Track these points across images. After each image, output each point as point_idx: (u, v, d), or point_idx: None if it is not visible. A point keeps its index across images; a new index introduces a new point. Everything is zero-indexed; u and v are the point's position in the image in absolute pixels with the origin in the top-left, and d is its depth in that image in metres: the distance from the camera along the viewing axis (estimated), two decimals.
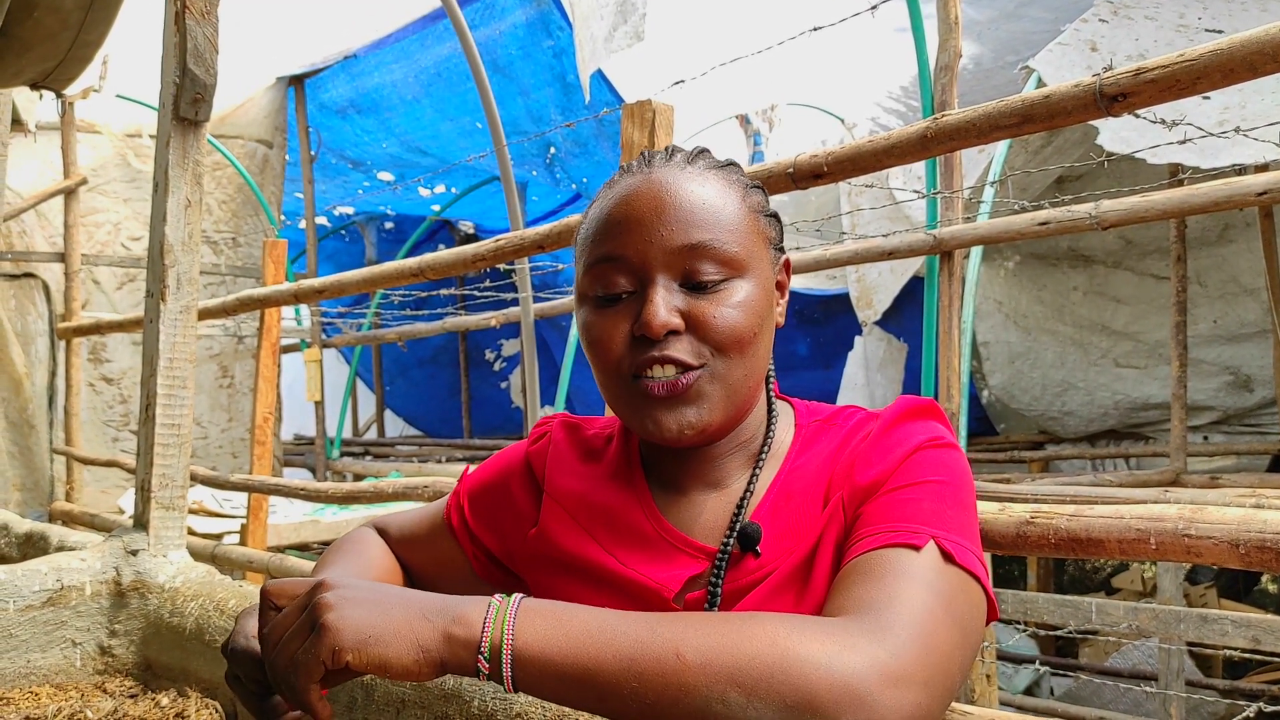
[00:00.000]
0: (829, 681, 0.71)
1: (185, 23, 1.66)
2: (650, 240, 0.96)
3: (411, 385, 12.60)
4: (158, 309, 1.74)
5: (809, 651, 0.72)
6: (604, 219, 1.00)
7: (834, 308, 7.88)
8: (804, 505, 0.98)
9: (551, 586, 1.08)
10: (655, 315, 0.94)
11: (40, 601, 1.52)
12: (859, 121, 7.35)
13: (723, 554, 0.97)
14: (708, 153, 1.05)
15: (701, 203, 0.97)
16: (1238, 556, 1.14)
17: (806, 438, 1.04)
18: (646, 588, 0.99)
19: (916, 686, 0.74)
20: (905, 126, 1.71)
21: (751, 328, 0.97)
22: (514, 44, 6.50)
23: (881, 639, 0.75)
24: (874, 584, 0.83)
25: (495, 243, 2.51)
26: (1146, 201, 3.09)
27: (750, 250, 0.98)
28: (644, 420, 0.97)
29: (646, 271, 0.96)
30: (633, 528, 1.03)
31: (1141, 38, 4.62)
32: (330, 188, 9.14)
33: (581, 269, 1.02)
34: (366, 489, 3.39)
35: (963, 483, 0.95)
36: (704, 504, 1.03)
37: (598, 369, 1.01)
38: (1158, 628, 3.77)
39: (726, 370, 0.96)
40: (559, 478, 1.11)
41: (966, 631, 0.83)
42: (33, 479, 6.19)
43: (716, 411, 0.97)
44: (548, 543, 1.08)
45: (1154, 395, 7.25)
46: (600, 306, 0.99)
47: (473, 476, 1.20)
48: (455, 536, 1.17)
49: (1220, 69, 1.32)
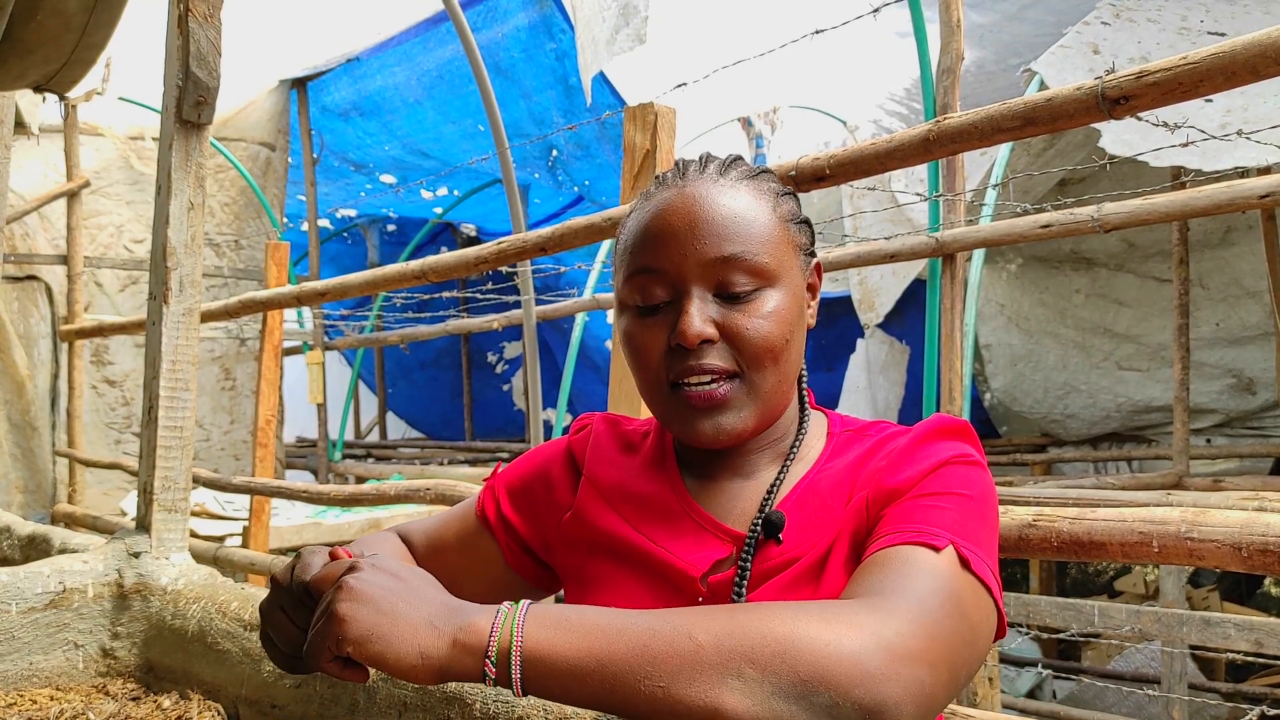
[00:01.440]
0: (838, 657, 0.73)
1: (188, 26, 1.67)
2: (685, 253, 1.00)
3: (413, 388, 12.61)
4: (160, 311, 1.74)
5: (818, 630, 0.75)
6: (641, 231, 1.04)
7: (836, 310, 7.88)
8: (828, 503, 1.01)
9: (582, 568, 1.10)
10: (690, 326, 0.98)
11: (43, 604, 1.52)
12: (861, 124, 7.36)
13: (751, 536, 1.00)
14: (741, 161, 1.09)
15: (733, 216, 1.01)
16: (1240, 559, 1.15)
17: (838, 445, 1.08)
18: (675, 567, 1.02)
19: (923, 666, 0.76)
20: (908, 129, 1.71)
21: (783, 336, 1.01)
22: (516, 46, 6.50)
23: (888, 618, 0.78)
24: (887, 574, 0.85)
25: (497, 245, 2.52)
26: (1149, 204, 3.09)
27: (781, 260, 1.02)
28: (682, 426, 1.02)
29: (682, 283, 1.01)
30: (664, 510, 1.07)
31: (1144, 40, 4.62)
32: (332, 190, 9.15)
33: (621, 279, 1.06)
34: (369, 491, 3.39)
35: (988, 501, 0.97)
36: (734, 492, 1.06)
37: (638, 376, 1.06)
38: (1160, 631, 3.76)
39: (760, 379, 1.01)
40: (598, 466, 1.15)
41: (975, 630, 0.85)
42: (35, 481, 6.19)
43: (750, 418, 1.01)
44: (582, 524, 1.11)
45: (1156, 398, 7.24)
46: (640, 316, 1.04)
47: (509, 470, 1.23)
48: (490, 528, 1.20)
49: (1223, 72, 1.32)
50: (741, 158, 1.10)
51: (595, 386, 9.41)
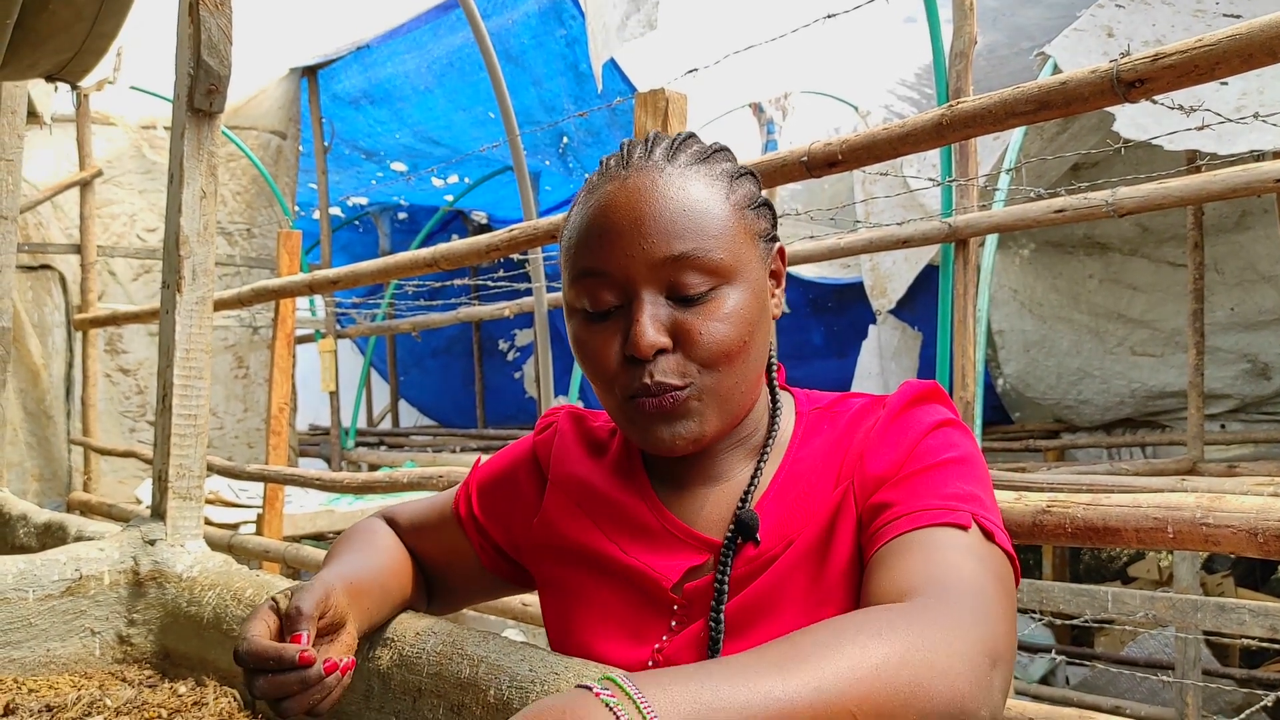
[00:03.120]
0: (949, 691, 0.71)
1: (199, 13, 1.67)
2: (631, 254, 0.93)
3: (425, 375, 12.64)
4: (174, 300, 1.75)
5: (931, 661, 0.71)
6: (584, 229, 0.97)
7: (848, 296, 7.86)
8: (809, 491, 0.97)
9: (555, 577, 1.08)
10: (642, 336, 0.92)
11: (59, 591, 1.53)
12: (873, 109, 7.32)
13: (728, 546, 0.97)
14: (693, 140, 1.01)
15: (682, 210, 0.93)
16: (1256, 545, 1.14)
17: (808, 427, 1.04)
18: (647, 577, 0.99)
19: (1007, 665, 0.77)
20: (921, 113, 1.70)
21: (740, 337, 0.94)
22: (527, 33, 6.49)
23: (982, 622, 0.76)
24: (930, 564, 0.83)
25: (509, 232, 2.51)
26: (1163, 188, 3.07)
27: (737, 253, 0.95)
28: (641, 434, 0.97)
29: (631, 287, 0.94)
30: (636, 519, 1.03)
31: (1158, 23, 4.58)
32: (344, 178, 9.16)
33: (567, 279, 0.99)
34: (381, 479, 3.41)
35: (978, 460, 0.96)
36: (706, 497, 1.03)
37: (594, 383, 1.00)
38: (1174, 617, 3.75)
39: (716, 384, 0.95)
40: (564, 467, 1.11)
41: (1013, 607, 0.85)
42: (50, 469, 6.23)
43: (710, 423, 0.96)
44: (551, 531, 1.08)
45: (1171, 383, 7.20)
46: (589, 322, 0.97)
47: (482, 468, 1.20)
48: (463, 527, 1.18)
49: (1239, 54, 1.30)
50: (694, 135, 1.02)
51: None
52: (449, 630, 1.08)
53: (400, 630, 1.12)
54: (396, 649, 1.10)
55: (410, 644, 1.09)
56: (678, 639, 0.97)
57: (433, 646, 1.07)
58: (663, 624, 0.99)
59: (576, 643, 1.04)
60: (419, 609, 1.21)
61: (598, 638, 1.01)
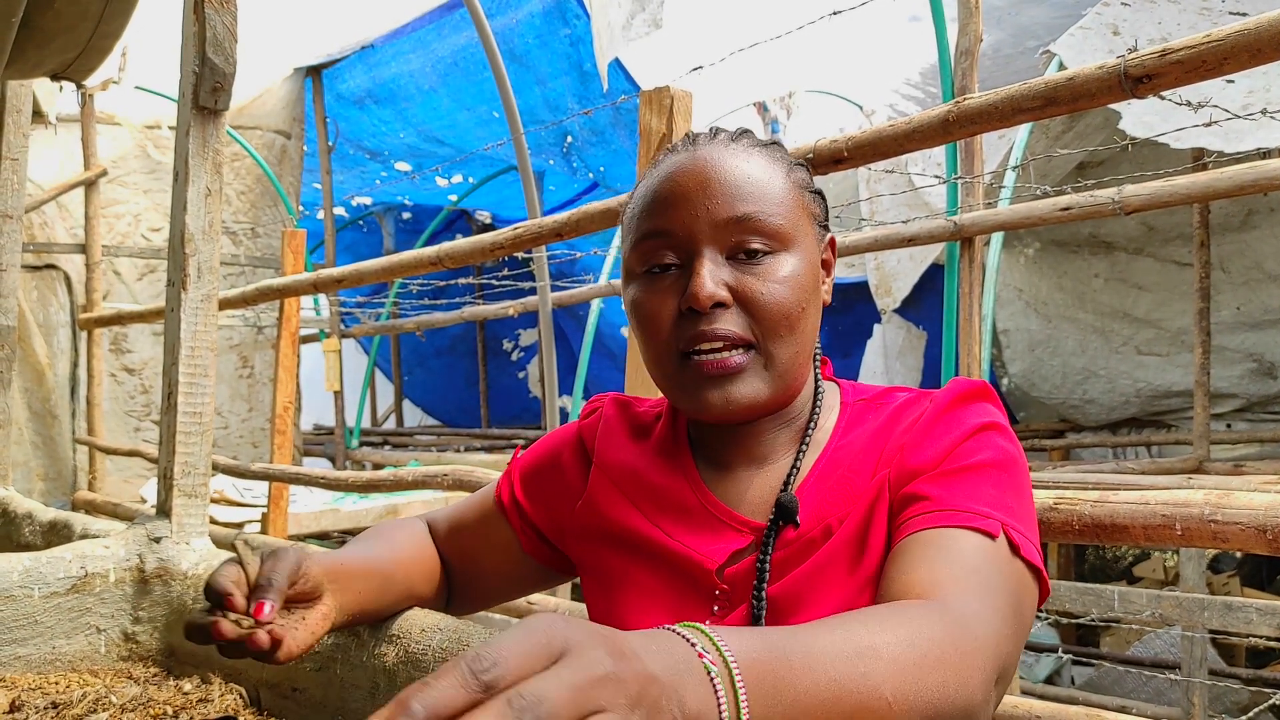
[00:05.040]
0: (969, 698, 0.73)
1: (204, 11, 1.67)
2: (696, 214, 0.96)
3: (430, 375, 12.64)
4: (179, 297, 1.75)
5: (952, 665, 0.73)
6: (651, 196, 1.00)
7: (852, 295, 7.85)
8: (848, 480, 0.98)
9: (597, 559, 1.09)
10: (702, 287, 0.94)
11: (65, 588, 1.53)
12: (877, 108, 7.31)
13: (771, 529, 0.97)
14: (751, 133, 1.06)
15: (746, 177, 0.97)
16: (1265, 542, 1.13)
17: (852, 417, 1.04)
18: (691, 560, 0.99)
19: (1006, 681, 0.80)
20: (927, 110, 1.69)
21: (799, 303, 0.97)
22: (531, 33, 6.49)
23: (995, 636, 0.78)
24: (950, 565, 0.83)
25: (513, 231, 2.51)
26: (1170, 186, 3.06)
27: (795, 224, 0.99)
28: (691, 397, 0.98)
29: (693, 244, 0.97)
30: (679, 502, 1.04)
31: (1164, 21, 4.57)
32: (348, 178, 9.16)
33: (629, 246, 1.02)
34: (386, 477, 3.40)
35: (1021, 469, 0.95)
36: (749, 480, 1.03)
37: (646, 347, 1.01)
38: (1181, 616, 3.74)
39: (775, 349, 0.96)
40: (608, 451, 1.12)
41: (1024, 626, 0.86)
42: (56, 468, 6.24)
43: (764, 390, 0.97)
44: (594, 514, 1.09)
45: (1176, 383, 7.19)
46: (648, 282, 0.99)
47: (525, 455, 1.22)
48: (505, 514, 1.19)
49: (1248, 49, 1.30)
50: (752, 130, 1.07)
51: (611, 373, 9.42)
52: (455, 626, 1.08)
53: (406, 627, 1.12)
54: (402, 645, 1.10)
55: (416, 640, 1.09)
56: (721, 623, 0.97)
57: (438, 643, 1.07)
58: (705, 608, 0.99)
59: (619, 627, 1.03)
60: (435, 608, 1.21)
61: (640, 622, 1.01)
